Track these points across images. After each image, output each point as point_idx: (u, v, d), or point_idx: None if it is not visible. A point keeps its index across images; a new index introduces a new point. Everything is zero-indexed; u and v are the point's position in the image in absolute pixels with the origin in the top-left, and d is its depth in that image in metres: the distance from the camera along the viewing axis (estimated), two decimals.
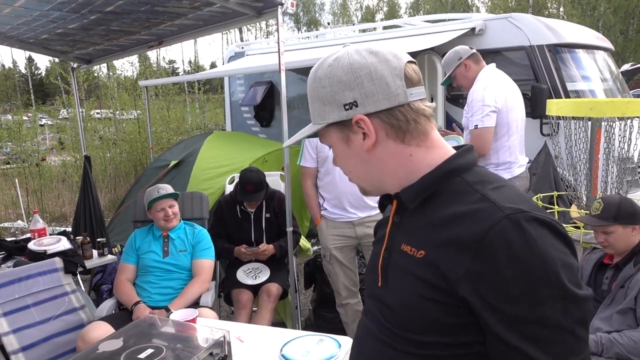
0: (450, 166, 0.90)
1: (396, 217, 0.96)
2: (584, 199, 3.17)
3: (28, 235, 3.78)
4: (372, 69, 0.89)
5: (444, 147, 0.94)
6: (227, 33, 33.87)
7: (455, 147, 0.96)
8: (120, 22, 3.49)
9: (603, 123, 3.12)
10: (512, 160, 3.04)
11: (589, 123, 3.12)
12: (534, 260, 0.75)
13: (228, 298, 3.25)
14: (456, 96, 6.18)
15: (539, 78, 5.42)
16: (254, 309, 3.19)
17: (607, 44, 6.46)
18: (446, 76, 3.21)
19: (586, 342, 0.79)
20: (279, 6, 2.95)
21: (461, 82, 3.11)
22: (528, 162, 3.27)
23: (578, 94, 5.51)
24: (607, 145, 3.16)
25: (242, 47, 8.75)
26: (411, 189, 0.91)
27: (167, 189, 3.03)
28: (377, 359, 0.93)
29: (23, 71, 39.35)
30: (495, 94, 2.92)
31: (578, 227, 3.14)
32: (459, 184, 0.87)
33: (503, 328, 0.76)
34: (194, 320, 1.94)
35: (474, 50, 3.14)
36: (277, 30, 2.99)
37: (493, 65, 3.19)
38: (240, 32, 32.88)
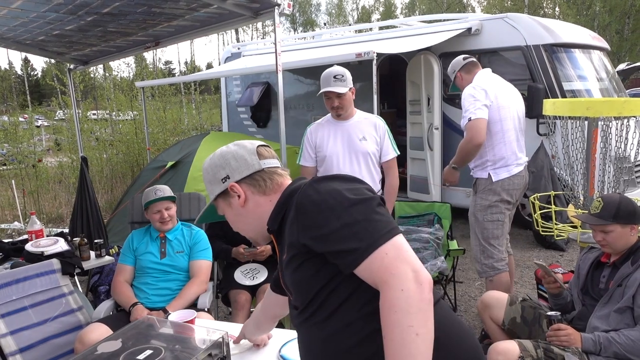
0: (287, 191, 1.28)
1: (279, 247, 1.31)
2: (581, 198, 3.18)
3: (25, 236, 3.77)
4: (235, 153, 1.35)
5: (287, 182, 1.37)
6: (223, 34, 33.82)
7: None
8: (117, 23, 3.48)
9: (600, 123, 3.13)
10: (508, 155, 3.14)
11: (586, 123, 3.13)
12: (324, 196, 1.11)
13: (226, 299, 3.25)
14: (453, 96, 6.19)
15: (535, 78, 5.43)
16: (251, 309, 3.19)
17: (603, 43, 6.48)
18: (451, 84, 3.81)
19: (386, 222, 1.08)
20: (276, 7, 2.96)
21: (462, 90, 3.36)
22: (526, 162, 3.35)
23: (574, 93, 5.53)
24: (603, 145, 3.17)
25: (239, 48, 8.75)
26: (270, 219, 1.29)
27: (165, 190, 3.03)
28: (302, 341, 1.28)
29: (19, 72, 39.20)
30: (484, 91, 3.11)
31: (575, 227, 3.15)
32: (294, 200, 1.19)
33: (328, 245, 1.08)
34: (192, 321, 1.93)
35: (467, 61, 3.39)
36: (274, 30, 2.99)
37: (487, 70, 3.37)
38: (237, 32, 32.84)
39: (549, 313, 2.23)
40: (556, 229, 3.18)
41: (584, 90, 5.66)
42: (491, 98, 3.10)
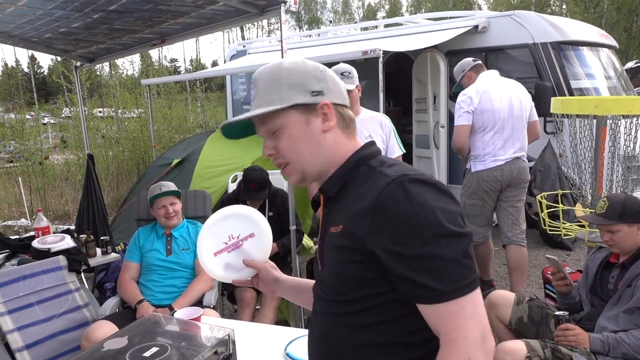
0: (357, 157, 1.11)
1: (325, 210, 1.16)
2: (589, 197, 3.15)
3: (32, 233, 3.78)
4: (333, 76, 1.14)
5: (357, 144, 1.16)
6: (229, 32, 33.87)
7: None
8: (123, 20, 3.48)
9: (608, 121, 3.11)
10: (485, 153, 3.66)
11: (594, 121, 3.10)
12: (415, 209, 0.93)
13: (231, 296, 3.25)
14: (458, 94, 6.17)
15: (543, 76, 5.40)
16: (257, 307, 3.19)
17: (611, 41, 6.43)
18: (455, 84, 4.00)
19: (472, 269, 0.95)
20: (282, 4, 2.95)
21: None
22: (524, 158, 3.75)
23: (582, 91, 5.48)
24: (612, 144, 3.14)
25: (244, 46, 8.74)
26: (331, 180, 1.12)
27: (170, 186, 3.03)
28: (323, 328, 1.12)
29: (26, 70, 39.40)
30: (469, 98, 3.62)
31: (583, 226, 3.13)
32: (365, 169, 1.08)
33: (402, 267, 0.94)
34: (198, 319, 1.93)
35: (476, 62, 3.84)
36: (280, 28, 2.98)
37: (490, 72, 3.80)
38: (242, 30, 32.88)
39: (557, 313, 2.21)
40: (563, 228, 3.16)
41: (591, 89, 5.62)
42: (475, 103, 3.58)
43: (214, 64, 38.26)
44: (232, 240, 1.45)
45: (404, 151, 3.22)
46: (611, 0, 19.76)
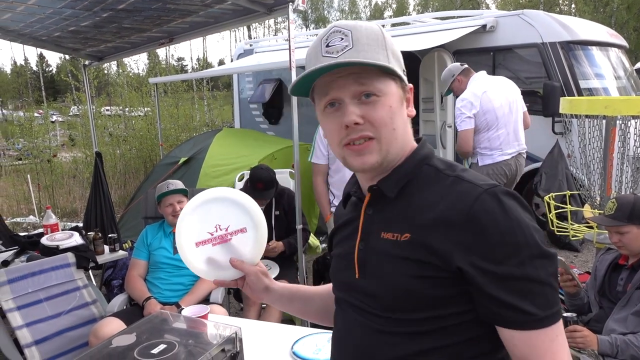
0: (419, 156, 0.98)
1: (369, 210, 1.00)
2: (598, 198, 3.13)
3: (40, 230, 3.81)
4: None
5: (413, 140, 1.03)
6: (235, 30, 33.91)
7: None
8: (131, 19, 3.50)
9: (618, 122, 3.08)
10: (492, 147, 3.78)
11: (604, 121, 3.08)
12: (513, 225, 0.84)
13: (237, 295, 3.27)
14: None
15: (551, 76, 5.36)
16: (263, 305, 3.20)
17: (621, 41, 6.38)
18: (446, 89, 4.13)
19: (558, 293, 0.88)
20: (290, 3, 2.95)
21: (457, 92, 3.97)
22: (524, 154, 3.97)
23: (591, 91, 5.45)
24: (621, 144, 3.12)
25: (251, 45, 8.75)
26: (388, 180, 0.97)
27: (177, 184, 3.04)
28: (368, 346, 0.96)
29: (34, 68, 39.66)
30: (470, 103, 3.72)
31: (592, 227, 3.11)
32: (430, 171, 0.96)
33: (495, 288, 0.84)
34: (205, 317, 1.94)
35: (464, 66, 3.97)
36: (288, 27, 2.98)
37: (480, 73, 3.94)
38: (249, 29, 32.91)
39: (565, 314, 2.20)
40: (572, 229, 3.14)
41: (601, 89, 5.58)
42: (476, 107, 3.69)
43: (221, 62, 38.36)
44: (219, 232, 1.22)
45: None
46: (621, 0, 19.61)
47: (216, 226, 1.22)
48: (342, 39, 0.92)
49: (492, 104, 3.73)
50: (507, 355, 0.91)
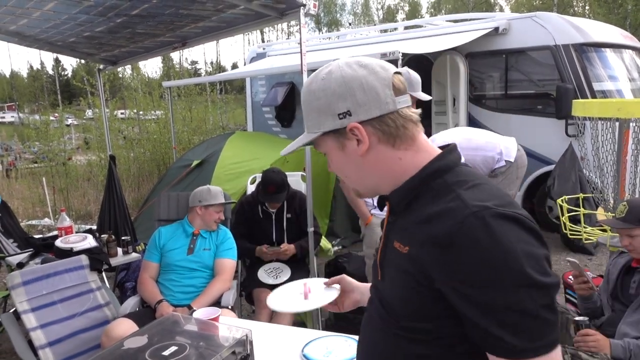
0: (431, 169, 0.97)
1: (391, 217, 1.05)
2: (611, 201, 3.10)
3: (55, 232, 3.87)
4: (364, 81, 0.96)
5: (430, 150, 1.01)
6: (248, 34, 34.12)
7: (440, 147, 1.02)
8: (145, 24, 3.54)
9: (632, 124, 3.05)
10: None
11: (617, 124, 3.05)
12: (497, 252, 0.81)
13: (249, 297, 3.28)
14: (478, 96, 6.11)
15: (565, 78, 5.32)
16: None
17: (635, 42, 6.31)
18: None
19: (554, 324, 0.83)
20: (301, 7, 2.97)
21: None
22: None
23: (605, 94, 5.40)
24: (635, 147, 3.09)
25: (264, 48, 8.80)
26: (397, 192, 1.00)
27: (227, 196, 3.25)
28: (376, 344, 1.04)
29: (50, 72, 40.22)
30: None
31: (605, 230, 3.08)
32: (439, 185, 0.95)
33: (475, 313, 0.83)
34: (216, 319, 1.95)
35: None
36: (299, 31, 3.00)
37: None
38: (262, 33, 33.06)
39: (577, 318, 2.18)
40: (585, 232, 3.12)
41: (614, 91, 5.52)
42: None
43: (234, 66, 38.56)
44: (304, 288, 1.55)
45: None
46: (635, 1, 19.37)
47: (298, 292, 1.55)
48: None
49: None
50: None
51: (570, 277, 3.07)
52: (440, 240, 0.86)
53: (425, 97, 3.00)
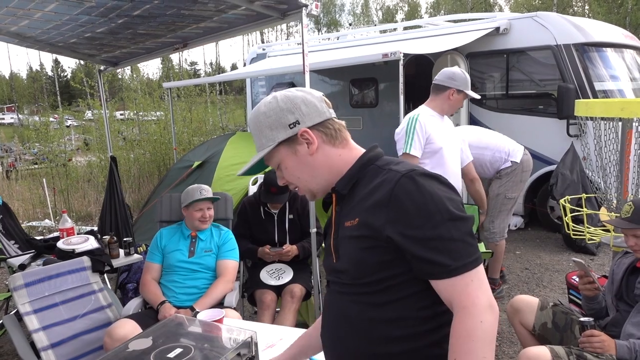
0: (365, 158, 1.26)
1: (338, 208, 1.29)
2: (614, 201, 3.09)
3: (56, 234, 3.85)
4: (304, 98, 1.24)
5: (359, 148, 1.31)
6: (248, 35, 34.09)
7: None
8: (146, 25, 3.53)
9: (634, 124, 3.05)
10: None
11: (620, 124, 3.05)
12: (426, 198, 1.09)
13: (251, 298, 3.27)
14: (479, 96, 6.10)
15: (566, 78, 5.32)
16: (277, 309, 3.20)
17: (637, 42, 6.32)
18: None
19: (476, 247, 1.11)
20: (303, 8, 2.96)
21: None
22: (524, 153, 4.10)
23: (606, 93, 5.39)
24: (638, 147, 3.08)
25: (264, 49, 8.80)
26: (342, 180, 1.25)
27: (209, 191, 3.10)
28: (341, 309, 1.26)
29: (49, 73, 40.19)
30: None
31: (608, 231, 3.07)
32: (372, 169, 1.22)
33: (417, 248, 1.09)
34: (220, 321, 1.94)
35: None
36: (302, 31, 2.99)
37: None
38: (261, 33, 33.06)
39: (582, 319, 2.17)
40: (588, 232, 3.11)
41: (616, 91, 5.52)
42: None
43: (233, 67, 38.56)
44: None
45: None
46: (635, 1, 19.38)
47: None
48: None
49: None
50: None
51: (574, 277, 3.06)
52: (383, 201, 1.12)
53: (475, 95, 3.16)
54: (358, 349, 1.22)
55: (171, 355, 1.53)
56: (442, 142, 3.04)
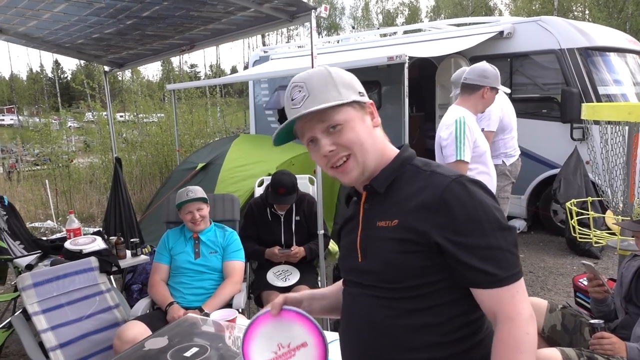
0: (404, 155, 1.23)
1: (366, 205, 1.24)
2: (621, 205, 3.10)
3: (61, 234, 3.86)
4: (355, 80, 1.22)
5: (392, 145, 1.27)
6: (248, 37, 34.12)
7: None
8: (155, 26, 3.54)
9: None
10: (507, 146, 3.93)
11: (626, 127, 3.06)
12: (476, 206, 1.09)
13: (258, 300, 3.27)
14: None
15: (569, 82, 5.34)
16: None
17: (639, 47, 6.34)
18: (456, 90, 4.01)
19: (519, 259, 1.11)
20: (313, 10, 2.97)
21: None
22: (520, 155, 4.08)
23: (610, 98, 5.41)
24: None
25: (267, 52, 8.81)
26: (380, 176, 1.20)
27: (197, 191, 3.05)
28: (364, 310, 1.20)
29: (50, 75, 40.18)
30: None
31: (614, 234, 3.08)
32: (411, 169, 1.20)
33: (465, 255, 1.07)
34: (233, 321, 1.95)
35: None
36: (311, 34, 3.01)
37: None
38: (262, 36, 33.12)
39: (592, 321, 2.18)
40: (594, 235, 3.12)
41: (619, 95, 5.54)
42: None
43: (234, 70, 38.61)
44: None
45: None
46: (636, 6, 19.45)
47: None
48: (300, 90, 1.16)
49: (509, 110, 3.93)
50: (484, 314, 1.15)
51: (581, 280, 3.07)
52: (431, 205, 1.10)
53: (507, 89, 3.18)
54: (381, 354, 1.19)
55: (187, 354, 1.54)
56: (485, 145, 2.95)
